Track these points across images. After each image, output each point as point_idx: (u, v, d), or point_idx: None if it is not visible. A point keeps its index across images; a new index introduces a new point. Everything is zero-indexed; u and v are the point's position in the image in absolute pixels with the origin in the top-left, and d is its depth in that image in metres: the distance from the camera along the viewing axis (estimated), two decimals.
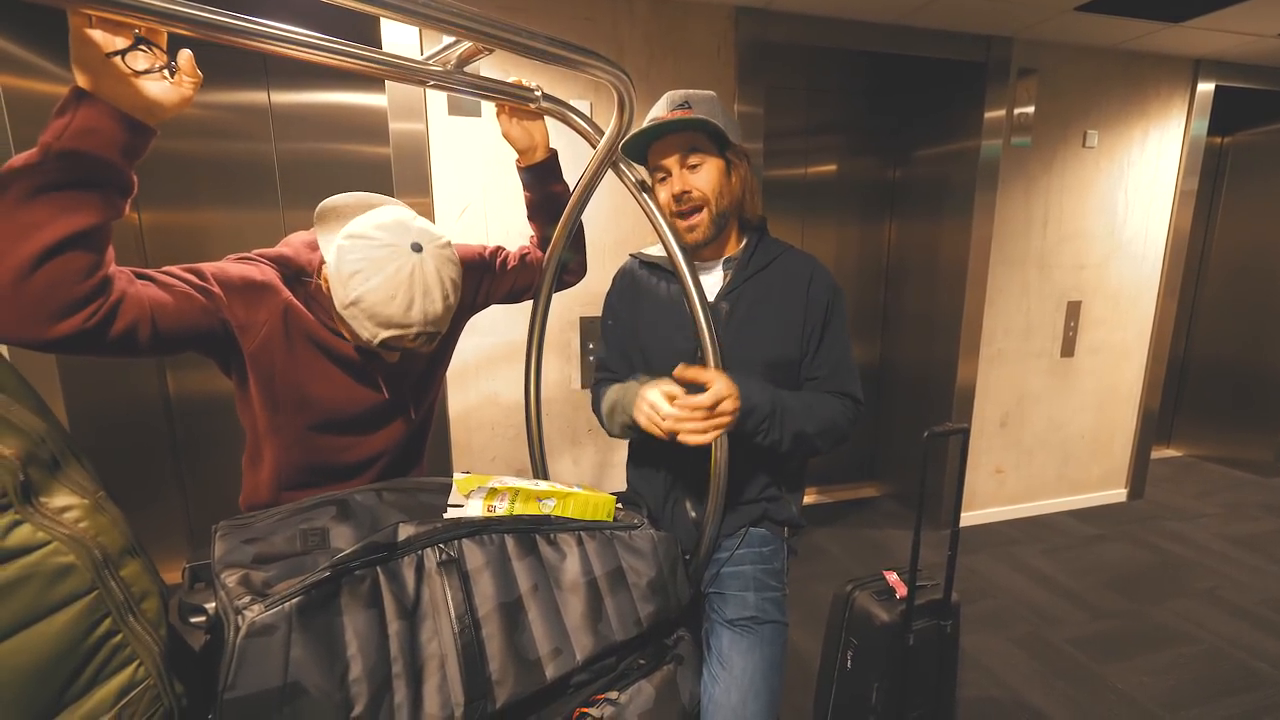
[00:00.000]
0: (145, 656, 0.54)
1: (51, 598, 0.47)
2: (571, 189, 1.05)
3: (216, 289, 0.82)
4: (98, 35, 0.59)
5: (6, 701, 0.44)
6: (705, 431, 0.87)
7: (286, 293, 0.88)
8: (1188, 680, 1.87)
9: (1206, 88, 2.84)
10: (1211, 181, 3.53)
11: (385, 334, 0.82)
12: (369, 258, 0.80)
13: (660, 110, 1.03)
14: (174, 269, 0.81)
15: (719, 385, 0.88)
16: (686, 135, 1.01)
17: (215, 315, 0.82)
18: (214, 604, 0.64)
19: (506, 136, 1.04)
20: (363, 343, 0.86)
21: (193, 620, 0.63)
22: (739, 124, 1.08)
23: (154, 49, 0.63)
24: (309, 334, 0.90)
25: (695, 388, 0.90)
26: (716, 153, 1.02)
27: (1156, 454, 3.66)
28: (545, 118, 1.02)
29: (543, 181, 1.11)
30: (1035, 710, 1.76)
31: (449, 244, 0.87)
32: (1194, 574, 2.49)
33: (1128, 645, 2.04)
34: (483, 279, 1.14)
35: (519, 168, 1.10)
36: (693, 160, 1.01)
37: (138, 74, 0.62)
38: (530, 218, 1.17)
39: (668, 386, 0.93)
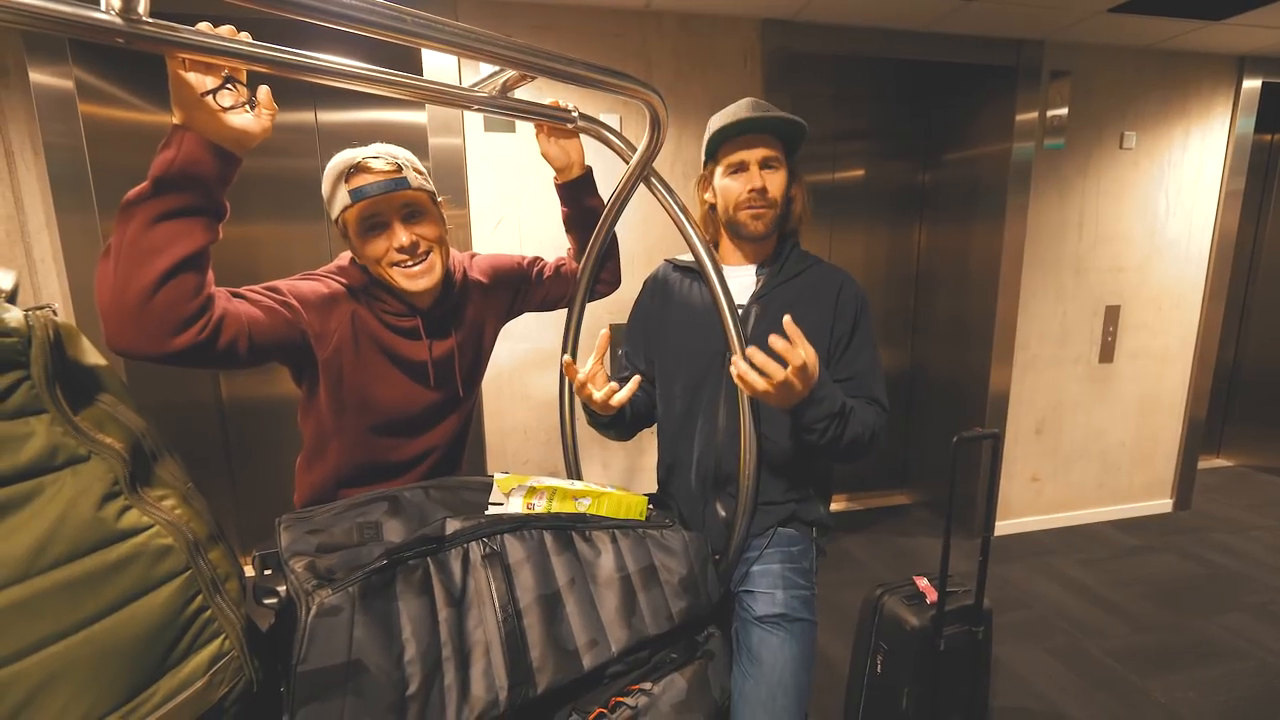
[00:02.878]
0: (230, 631, 0.60)
1: (155, 574, 0.54)
2: (605, 201, 1.10)
3: (295, 302, 0.91)
4: (192, 78, 0.67)
5: (125, 664, 0.50)
6: (758, 383, 0.87)
7: (351, 300, 0.97)
8: (1237, 697, 1.81)
9: (1253, 84, 2.75)
10: (1261, 180, 3.41)
11: (348, 163, 0.92)
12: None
13: (743, 111, 1.08)
14: (255, 288, 0.89)
15: (805, 354, 0.87)
16: (768, 140, 1.08)
17: (296, 327, 0.90)
18: (285, 587, 0.70)
19: (545, 155, 1.10)
20: (348, 220, 0.94)
21: (266, 601, 0.69)
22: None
23: (238, 86, 0.70)
24: (373, 336, 0.98)
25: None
26: (786, 166, 1.10)
27: (1205, 463, 3.52)
28: (579, 135, 1.08)
29: (579, 197, 1.16)
30: None
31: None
32: (1245, 587, 2.40)
33: (1172, 659, 1.98)
34: (519, 287, 1.20)
35: (556, 185, 1.16)
36: (770, 164, 1.08)
37: (225, 109, 0.70)
38: (567, 231, 1.22)
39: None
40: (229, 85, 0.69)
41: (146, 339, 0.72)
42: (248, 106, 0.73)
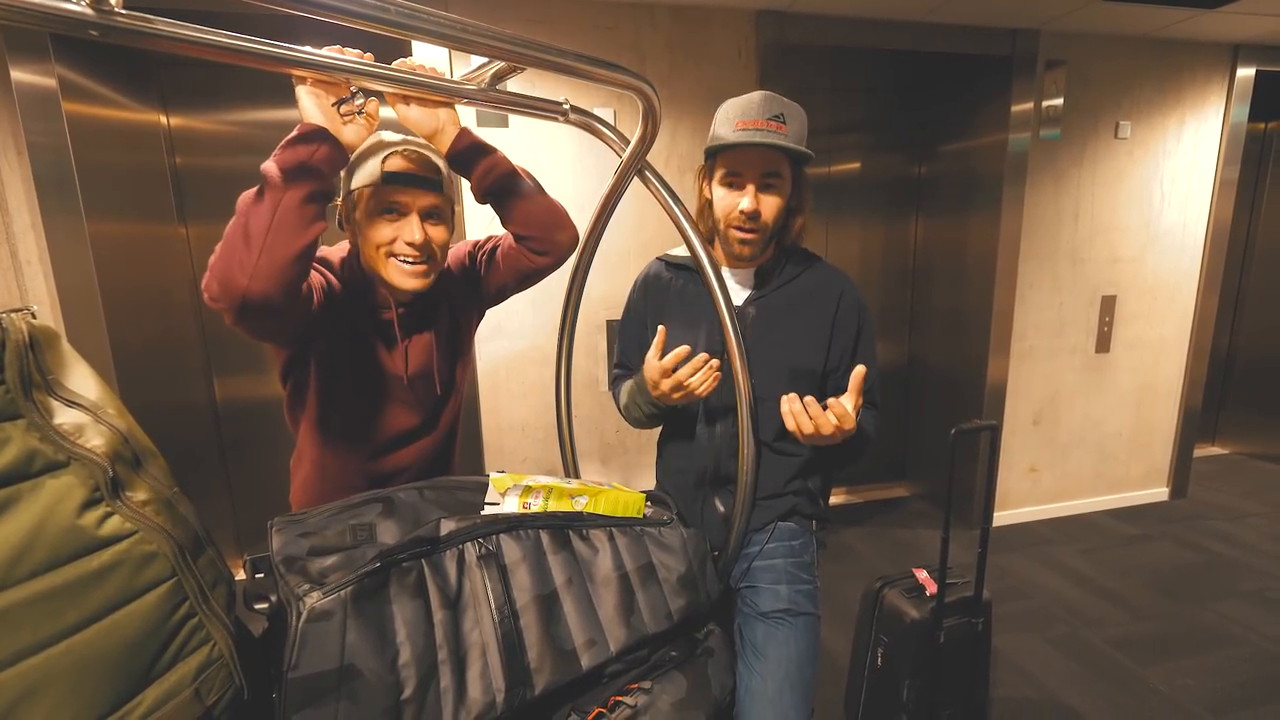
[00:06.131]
0: (219, 638, 0.59)
1: (139, 582, 0.52)
2: (599, 197, 1.08)
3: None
4: (321, 90, 0.77)
5: (108, 674, 0.49)
6: (806, 425, 0.93)
7: (330, 290, 0.97)
8: (1234, 683, 1.82)
9: (1246, 73, 2.75)
10: (1255, 169, 3.41)
11: (392, 143, 0.93)
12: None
13: (752, 113, 0.98)
14: None
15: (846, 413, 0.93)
16: (772, 157, 1.00)
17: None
18: (275, 593, 0.68)
19: (405, 121, 0.91)
20: (364, 195, 0.94)
21: (257, 606, 0.67)
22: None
23: (358, 99, 0.81)
24: (350, 325, 0.98)
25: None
26: (791, 179, 1.03)
27: (1200, 451, 3.54)
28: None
29: (471, 159, 0.96)
30: (1072, 711, 1.72)
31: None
32: (1241, 575, 2.41)
33: (1170, 647, 1.99)
34: (474, 276, 1.11)
35: (446, 157, 0.96)
36: (770, 180, 1.01)
37: (345, 120, 0.81)
38: (492, 206, 1.01)
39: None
40: (358, 99, 0.81)
41: (290, 293, 0.79)
42: (358, 116, 0.83)
